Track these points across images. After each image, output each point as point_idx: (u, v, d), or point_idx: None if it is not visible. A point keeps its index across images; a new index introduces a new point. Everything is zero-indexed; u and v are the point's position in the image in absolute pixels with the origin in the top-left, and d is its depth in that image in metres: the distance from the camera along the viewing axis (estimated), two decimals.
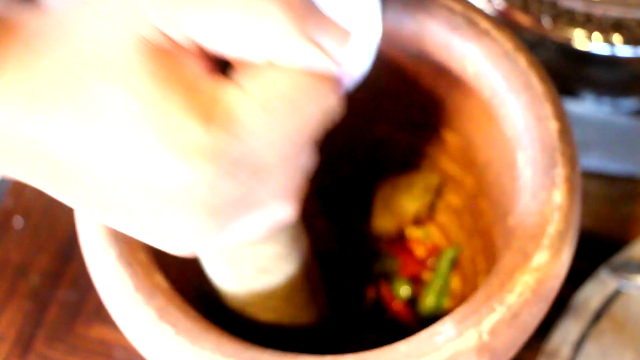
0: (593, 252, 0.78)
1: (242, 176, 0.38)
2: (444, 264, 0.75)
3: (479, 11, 0.61)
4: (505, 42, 0.60)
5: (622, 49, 0.76)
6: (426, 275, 0.76)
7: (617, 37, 0.76)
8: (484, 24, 0.60)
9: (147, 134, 0.36)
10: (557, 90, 0.60)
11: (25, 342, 0.79)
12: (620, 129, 0.82)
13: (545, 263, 0.54)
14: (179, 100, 0.37)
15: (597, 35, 0.76)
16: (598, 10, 0.76)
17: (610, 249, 0.78)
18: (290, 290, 0.58)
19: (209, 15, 0.37)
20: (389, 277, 0.77)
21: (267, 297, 0.58)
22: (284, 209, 0.41)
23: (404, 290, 0.75)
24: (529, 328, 0.55)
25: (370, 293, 0.76)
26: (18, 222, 0.84)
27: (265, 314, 0.60)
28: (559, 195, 0.55)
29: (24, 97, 0.37)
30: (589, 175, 0.82)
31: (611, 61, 0.79)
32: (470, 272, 0.73)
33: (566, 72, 0.84)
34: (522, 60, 0.59)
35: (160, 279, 0.55)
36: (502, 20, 0.78)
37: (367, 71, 0.46)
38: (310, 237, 0.59)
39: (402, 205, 0.76)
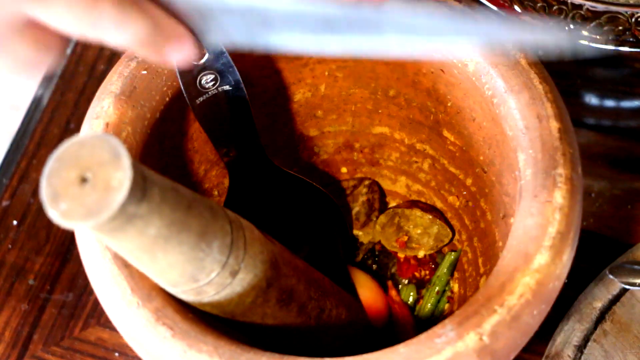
0: (597, 253, 0.78)
1: None
2: (444, 266, 0.74)
3: (480, 9, 0.61)
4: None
5: (626, 47, 0.76)
6: (426, 277, 0.76)
7: (620, 35, 0.76)
8: None
9: None
10: (558, 89, 0.59)
11: (21, 344, 0.79)
12: None
13: (546, 264, 0.54)
14: None
15: (600, 33, 0.76)
16: (601, 7, 0.75)
17: (614, 250, 0.78)
18: (255, 296, 0.57)
19: None
20: (388, 278, 0.77)
21: (235, 304, 0.57)
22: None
23: (408, 294, 0.75)
24: (530, 330, 0.55)
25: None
26: (14, 223, 0.84)
27: (251, 319, 0.59)
28: (560, 196, 0.55)
29: None
30: (592, 176, 0.82)
31: (615, 59, 0.79)
32: (471, 274, 0.73)
33: (568, 71, 0.83)
34: (523, 59, 0.59)
35: None
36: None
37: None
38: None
39: (414, 239, 0.76)
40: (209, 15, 0.49)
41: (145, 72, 0.60)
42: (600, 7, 0.75)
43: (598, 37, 0.76)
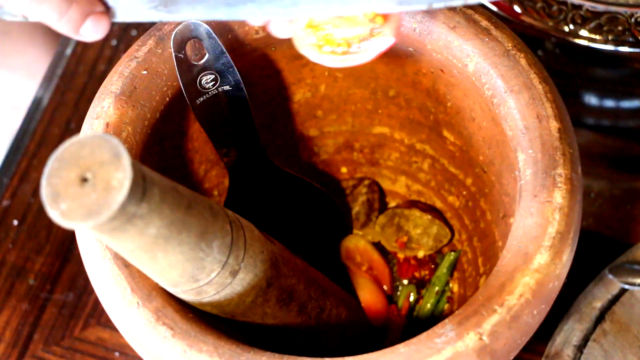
0: (596, 253, 0.78)
1: None
2: (444, 266, 0.74)
3: (480, 9, 0.61)
4: (505, 40, 0.60)
5: (625, 47, 0.76)
6: (426, 277, 0.76)
7: (619, 35, 0.76)
8: (485, 22, 0.60)
9: None
10: (558, 89, 0.59)
11: (21, 344, 0.79)
12: None
13: (546, 264, 0.54)
14: None
15: (600, 33, 0.76)
16: (601, 8, 0.75)
17: (613, 250, 0.78)
18: (255, 296, 0.57)
19: None
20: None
21: (235, 304, 0.57)
22: None
23: (408, 294, 0.75)
24: (530, 330, 0.55)
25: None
26: (15, 223, 0.84)
27: (251, 318, 0.59)
28: (559, 196, 0.55)
29: None
30: (591, 176, 0.82)
31: (614, 59, 0.79)
32: (470, 274, 0.73)
33: (568, 71, 0.83)
34: (522, 60, 0.59)
35: None
36: (503, 18, 0.78)
37: None
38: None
39: (413, 239, 0.76)
40: None
41: (145, 72, 0.60)
42: (600, 7, 0.75)
43: (598, 37, 0.76)
